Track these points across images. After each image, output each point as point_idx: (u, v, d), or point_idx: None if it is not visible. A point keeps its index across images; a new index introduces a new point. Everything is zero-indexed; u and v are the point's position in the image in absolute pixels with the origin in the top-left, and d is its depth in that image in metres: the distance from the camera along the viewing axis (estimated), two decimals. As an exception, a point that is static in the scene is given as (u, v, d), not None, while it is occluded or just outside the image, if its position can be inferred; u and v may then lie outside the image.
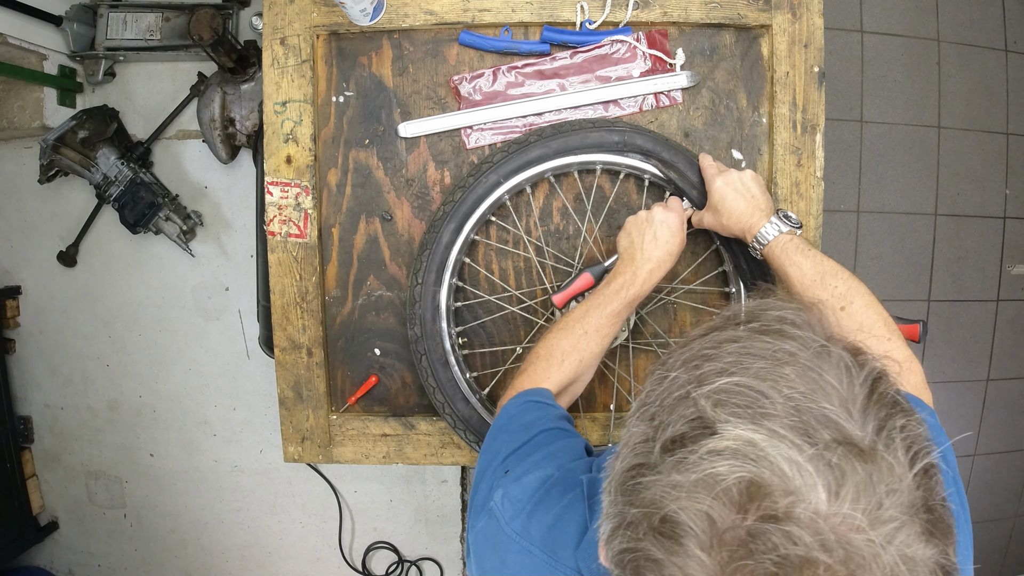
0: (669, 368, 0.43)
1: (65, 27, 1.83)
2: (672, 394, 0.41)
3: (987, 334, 2.25)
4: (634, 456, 0.40)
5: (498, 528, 0.62)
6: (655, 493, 0.36)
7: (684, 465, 0.36)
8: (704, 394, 0.38)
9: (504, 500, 0.63)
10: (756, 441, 0.34)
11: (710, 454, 0.35)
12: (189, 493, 2.15)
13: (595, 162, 1.01)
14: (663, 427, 0.39)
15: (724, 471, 0.34)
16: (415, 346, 1.04)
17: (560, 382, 0.86)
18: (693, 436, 0.37)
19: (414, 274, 1.03)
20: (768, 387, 0.37)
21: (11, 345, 2.07)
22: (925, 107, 2.17)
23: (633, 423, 0.43)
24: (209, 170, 1.98)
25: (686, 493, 0.35)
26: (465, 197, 1.00)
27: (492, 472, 0.69)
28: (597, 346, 0.90)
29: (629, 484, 0.39)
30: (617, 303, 0.90)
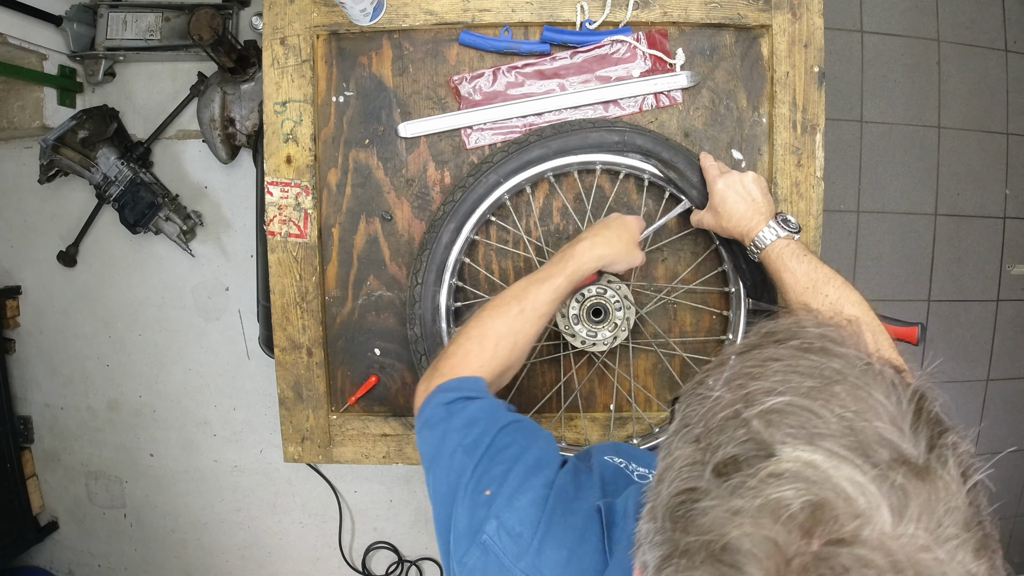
0: (710, 388, 0.41)
1: (65, 27, 1.83)
2: (718, 415, 0.39)
3: (987, 334, 2.25)
4: (682, 480, 0.38)
5: (500, 567, 0.56)
6: (714, 519, 0.35)
7: (744, 490, 0.34)
8: (756, 414, 0.37)
9: (500, 533, 0.58)
10: (817, 463, 0.33)
11: (771, 477, 0.34)
12: (189, 493, 2.15)
13: (595, 162, 1.01)
14: (713, 449, 0.37)
15: (789, 495, 0.33)
16: (415, 346, 1.03)
17: (493, 370, 0.79)
18: (749, 459, 0.35)
19: (414, 274, 1.02)
20: (820, 406, 0.36)
21: (11, 345, 2.07)
22: (925, 107, 2.17)
23: (676, 445, 0.41)
24: (209, 170, 1.98)
25: (750, 519, 0.33)
26: (465, 197, 1.00)
27: (466, 492, 0.62)
28: (533, 328, 0.82)
29: (680, 511, 0.37)
30: (558, 277, 0.84)
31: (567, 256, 0.87)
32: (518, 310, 0.81)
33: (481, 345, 0.79)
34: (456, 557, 0.60)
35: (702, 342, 1.10)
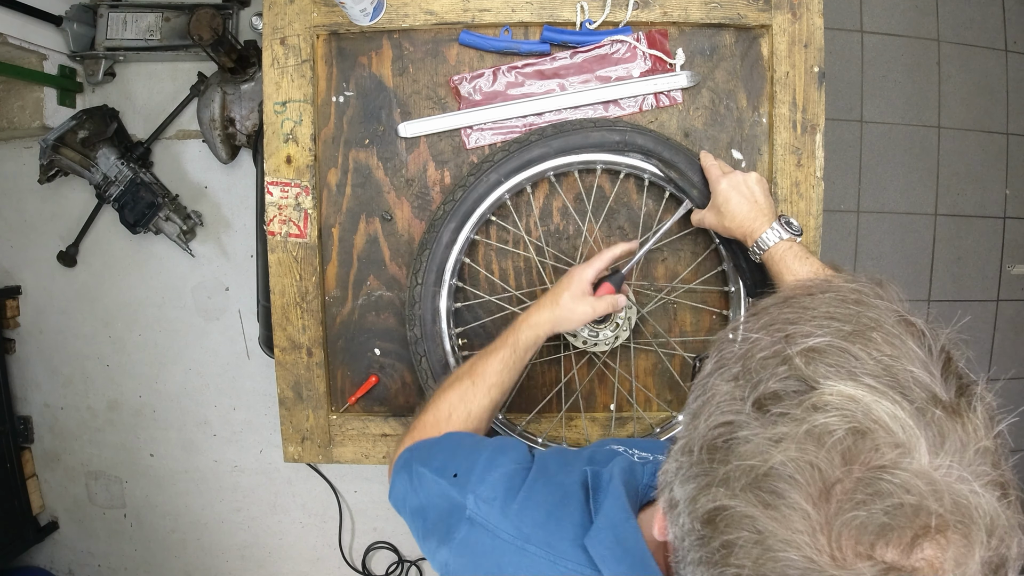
0: (747, 332, 0.42)
1: (65, 27, 1.83)
2: (757, 355, 0.40)
3: (987, 334, 2.25)
4: (721, 414, 0.39)
5: (485, 534, 0.59)
6: (756, 446, 0.36)
7: (787, 419, 0.36)
8: (797, 352, 0.38)
9: (479, 503, 0.61)
10: (858, 397, 0.35)
11: (815, 408, 0.35)
12: (189, 493, 2.15)
13: (595, 161, 1.01)
14: (754, 385, 0.39)
15: (834, 422, 0.34)
16: (415, 347, 1.03)
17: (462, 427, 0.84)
18: (791, 393, 0.37)
19: (414, 274, 1.02)
20: (858, 349, 0.38)
21: (11, 345, 2.07)
22: (925, 107, 2.17)
23: (713, 383, 0.42)
24: (209, 170, 1.98)
25: (795, 445, 0.35)
26: (465, 196, 1.00)
27: (435, 492, 0.66)
28: (486, 398, 0.85)
29: (720, 441, 0.38)
30: (506, 350, 0.88)
31: (511, 327, 0.90)
32: (469, 383, 0.86)
33: (435, 417, 0.84)
34: (445, 543, 0.62)
35: (703, 342, 1.10)
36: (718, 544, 0.37)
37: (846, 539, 0.34)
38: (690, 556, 0.40)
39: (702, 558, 0.39)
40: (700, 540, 0.39)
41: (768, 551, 0.35)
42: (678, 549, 0.42)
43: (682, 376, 1.10)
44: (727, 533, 0.37)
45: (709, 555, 0.38)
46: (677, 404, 1.11)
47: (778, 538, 0.35)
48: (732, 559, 0.36)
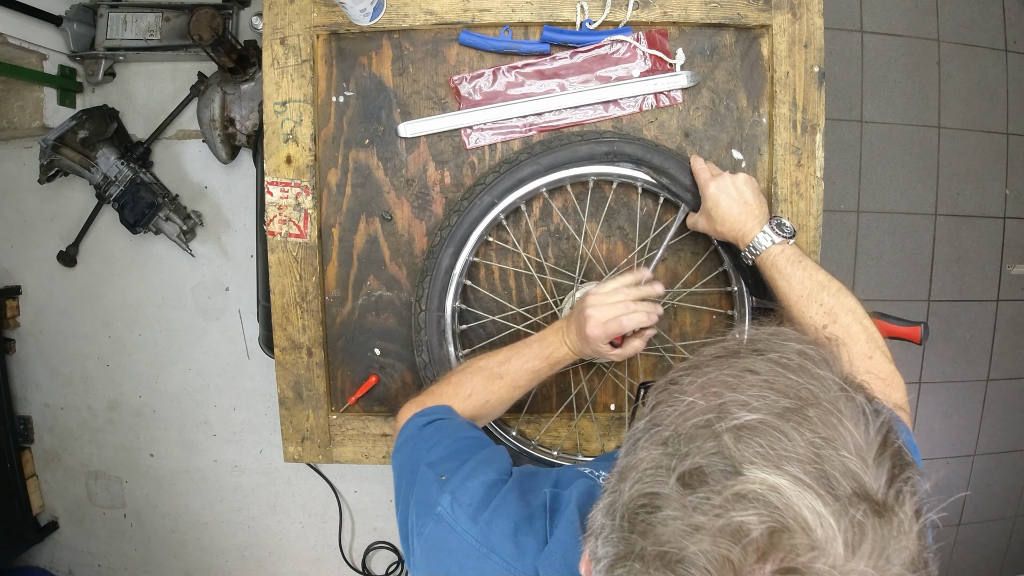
0: (683, 390, 0.41)
1: (65, 27, 1.83)
2: (689, 421, 0.39)
3: (987, 334, 2.24)
4: (645, 484, 0.39)
5: (452, 534, 0.62)
6: (673, 531, 0.35)
7: (707, 507, 0.35)
8: (728, 429, 0.37)
9: (454, 506, 0.63)
10: (781, 488, 0.34)
11: (736, 497, 0.34)
12: (189, 493, 2.15)
13: (587, 175, 1.01)
14: (680, 457, 0.38)
15: (752, 520, 0.34)
16: (424, 373, 1.04)
17: (461, 412, 0.85)
18: (715, 473, 0.36)
19: (416, 301, 1.03)
20: (791, 428, 0.36)
21: (11, 345, 2.07)
22: (925, 107, 2.17)
23: (642, 445, 0.41)
24: (209, 170, 1.98)
25: (709, 537, 0.34)
26: (461, 221, 1.00)
27: (425, 475, 0.68)
28: (507, 394, 0.88)
29: (642, 514, 0.38)
30: (539, 361, 0.89)
31: (550, 339, 0.90)
32: (497, 374, 0.87)
33: (456, 391, 0.86)
34: (415, 532, 0.65)
35: (702, 342, 1.10)
36: None
37: None
38: None
39: None
40: None
41: None
42: None
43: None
44: None
45: None
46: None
47: None
48: None
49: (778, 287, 0.85)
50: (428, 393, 0.88)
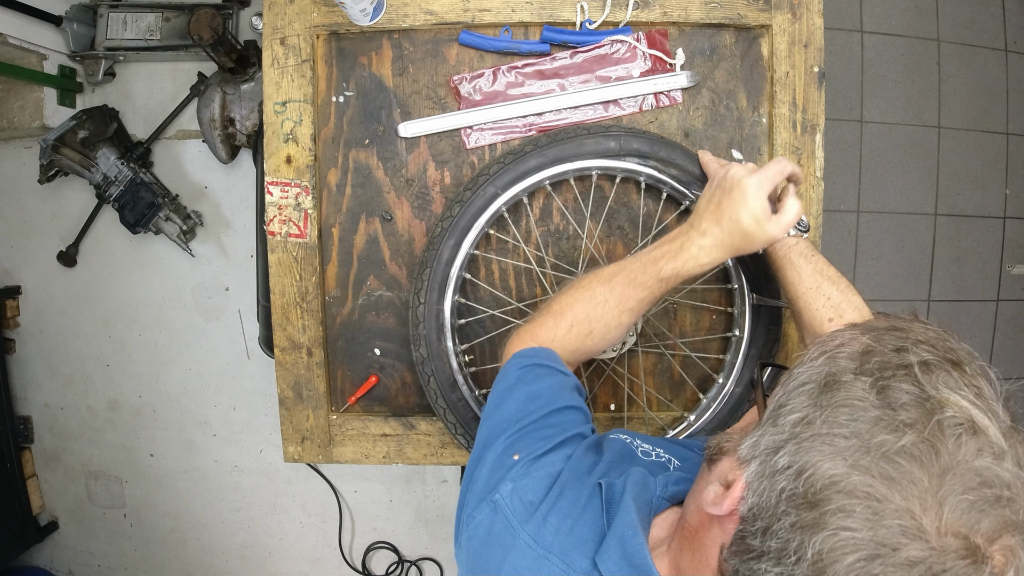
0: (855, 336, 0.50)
1: (65, 27, 1.83)
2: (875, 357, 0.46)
3: (987, 334, 2.25)
4: (848, 398, 0.45)
5: (506, 527, 0.59)
6: (889, 425, 0.42)
7: (914, 408, 0.42)
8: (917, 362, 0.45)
9: (513, 497, 0.61)
10: (966, 407, 0.42)
11: (940, 404, 0.42)
12: (189, 493, 2.15)
13: (591, 168, 1.01)
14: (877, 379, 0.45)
15: (956, 418, 0.42)
16: (421, 368, 1.02)
17: (564, 347, 0.79)
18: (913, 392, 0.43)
19: (415, 294, 1.01)
20: (957, 374, 0.44)
21: (11, 345, 2.07)
22: (925, 107, 2.17)
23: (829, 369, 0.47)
24: (209, 170, 1.98)
25: (927, 430, 0.41)
26: (463, 212, 0.99)
27: (499, 449, 0.65)
28: (615, 320, 0.78)
29: (844, 418, 0.44)
30: (651, 275, 0.77)
31: (669, 253, 0.77)
32: (602, 299, 0.78)
33: (556, 322, 0.79)
34: (467, 511, 0.63)
35: (703, 341, 1.10)
36: (833, 508, 0.41)
37: (952, 516, 0.39)
38: (778, 523, 0.43)
39: (797, 523, 0.42)
40: (805, 505, 0.42)
41: (882, 517, 0.39)
42: (755, 518, 0.46)
43: (690, 379, 1.10)
44: (842, 500, 0.41)
45: (815, 519, 0.41)
46: (680, 403, 1.11)
47: (893, 506, 0.39)
48: (846, 522, 0.40)
49: (787, 278, 0.84)
50: (528, 321, 0.82)
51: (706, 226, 0.77)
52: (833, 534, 0.40)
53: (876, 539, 0.39)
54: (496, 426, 0.68)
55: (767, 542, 0.44)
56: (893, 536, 0.39)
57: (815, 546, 0.41)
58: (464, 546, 0.63)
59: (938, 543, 0.38)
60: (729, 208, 0.76)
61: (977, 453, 0.40)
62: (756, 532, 0.46)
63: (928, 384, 0.43)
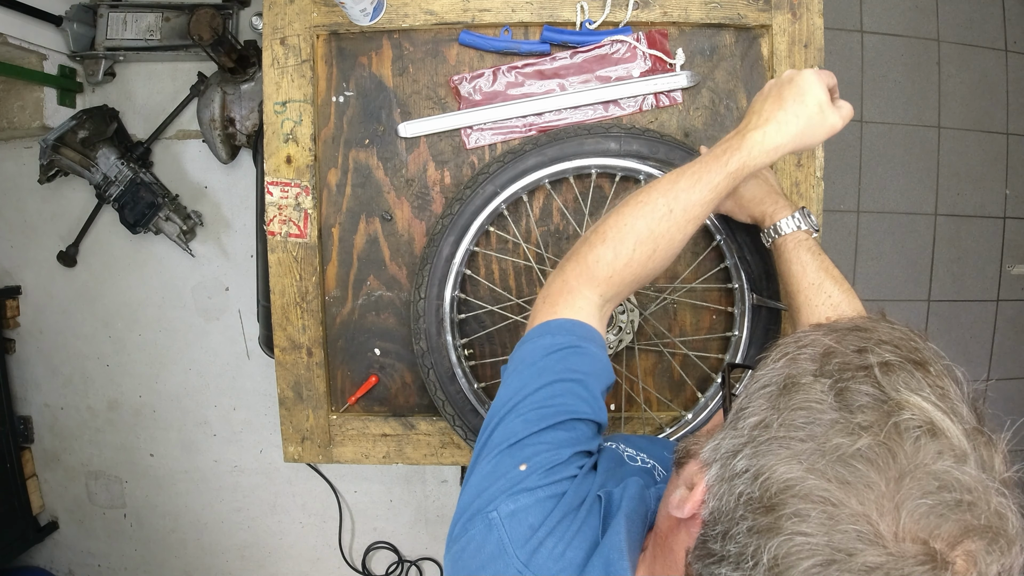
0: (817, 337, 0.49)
1: (65, 27, 1.83)
2: (835, 358, 0.46)
3: (987, 334, 2.25)
4: (806, 399, 0.44)
5: (499, 548, 0.55)
6: (845, 429, 0.42)
7: (871, 411, 0.42)
8: (876, 363, 0.45)
9: (513, 519, 0.56)
10: (927, 409, 0.42)
11: (898, 407, 0.42)
12: (189, 493, 2.15)
13: (590, 166, 1.01)
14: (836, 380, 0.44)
15: (913, 421, 0.41)
16: (421, 361, 1.03)
17: (623, 280, 0.71)
18: (872, 393, 0.43)
19: (416, 289, 1.02)
20: (920, 375, 0.44)
21: (11, 345, 2.07)
22: (925, 107, 2.17)
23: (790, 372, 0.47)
24: (209, 170, 1.98)
25: (882, 433, 0.41)
26: (463, 209, 1.00)
27: (503, 448, 0.60)
28: (680, 233, 0.71)
29: (800, 421, 0.43)
30: (716, 172, 0.71)
31: (732, 147, 0.72)
32: (666, 210, 0.70)
33: (616, 250, 0.70)
34: (462, 520, 0.59)
35: (703, 341, 1.10)
36: (788, 512, 0.40)
37: (909, 521, 0.38)
38: (736, 528, 0.43)
39: (754, 527, 0.42)
40: (761, 509, 0.42)
41: (837, 522, 0.39)
42: (716, 522, 0.45)
43: (690, 378, 1.10)
44: (797, 504, 0.40)
45: (771, 523, 0.41)
46: (679, 403, 1.11)
47: (849, 511, 0.39)
48: (801, 527, 0.40)
49: (791, 271, 0.83)
50: (576, 260, 0.71)
51: (768, 113, 0.73)
52: (788, 539, 0.40)
53: (832, 544, 0.39)
54: (511, 418, 0.62)
55: (726, 546, 0.44)
56: (849, 541, 0.38)
57: (771, 551, 0.40)
58: (451, 557, 0.59)
59: (896, 548, 0.38)
60: (792, 94, 0.73)
61: (937, 456, 0.39)
62: (716, 536, 0.45)
63: (888, 385, 0.42)
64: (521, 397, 0.63)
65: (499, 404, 0.65)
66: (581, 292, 0.70)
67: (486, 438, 0.63)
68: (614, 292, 0.72)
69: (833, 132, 0.75)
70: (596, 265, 0.70)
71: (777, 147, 0.72)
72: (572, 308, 0.70)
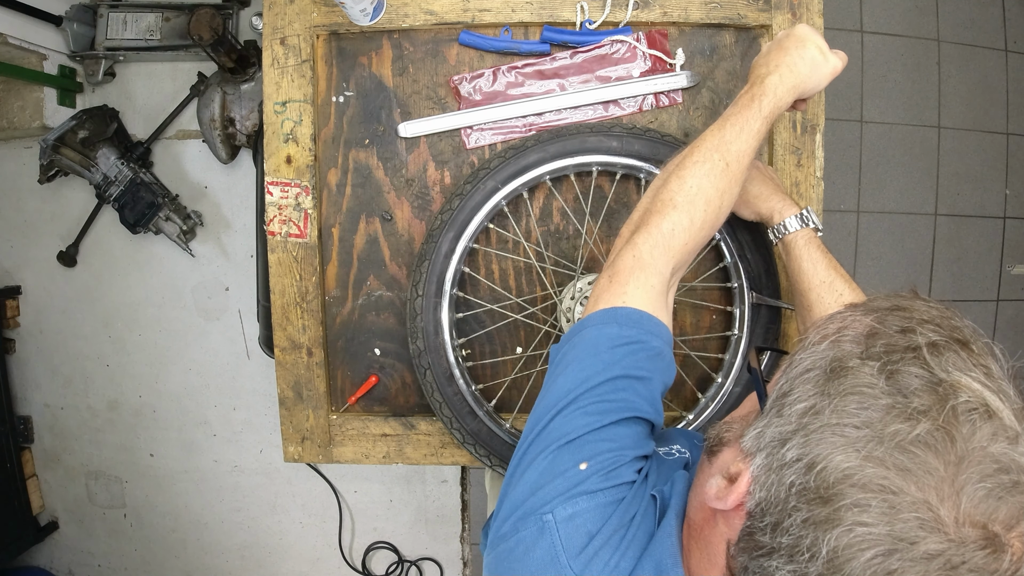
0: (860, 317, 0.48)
1: (65, 27, 1.83)
2: (881, 340, 0.44)
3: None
4: (855, 385, 0.43)
5: (551, 555, 0.52)
6: (902, 414, 0.41)
7: (927, 394, 0.41)
8: (925, 344, 0.44)
9: (570, 524, 0.53)
10: (978, 390, 0.41)
11: (952, 389, 0.41)
12: (189, 493, 2.15)
13: (591, 163, 1.01)
14: (885, 363, 0.43)
15: (970, 403, 0.40)
16: (418, 360, 1.02)
17: (694, 249, 0.70)
18: (924, 376, 0.42)
19: (414, 286, 1.02)
20: (965, 354, 0.43)
21: (11, 345, 2.07)
22: (925, 107, 2.17)
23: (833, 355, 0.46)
24: (209, 170, 1.98)
25: (942, 417, 0.40)
26: (463, 205, 0.99)
27: (561, 446, 0.56)
28: (737, 186, 0.71)
29: (853, 407, 0.42)
30: (754, 118, 0.72)
31: (758, 95, 0.73)
32: (723, 165, 0.70)
33: (691, 216, 0.68)
34: (509, 521, 0.55)
35: (703, 340, 1.10)
36: (848, 503, 0.39)
37: (969, 505, 0.38)
38: (789, 519, 0.42)
39: (810, 519, 0.41)
40: (818, 500, 0.41)
41: (898, 511, 0.38)
42: (764, 513, 0.44)
43: (690, 378, 1.10)
44: (856, 494, 0.39)
45: (829, 514, 0.40)
46: (679, 403, 1.11)
47: (910, 499, 0.38)
48: (861, 517, 0.39)
49: (802, 268, 0.83)
50: (650, 231, 0.67)
51: (776, 60, 0.75)
52: (848, 530, 0.39)
53: (893, 533, 0.38)
54: (570, 408, 0.58)
55: (777, 538, 0.43)
56: (911, 530, 0.38)
57: (829, 543, 0.39)
58: (494, 556, 0.56)
59: (956, 534, 0.37)
60: (793, 43, 0.76)
61: (992, 437, 0.39)
62: (765, 528, 0.44)
63: (938, 367, 0.41)
64: (584, 389, 0.59)
65: (558, 394, 0.60)
66: (655, 266, 0.67)
67: (541, 428, 0.58)
68: (684, 261, 0.70)
69: (836, 73, 0.77)
70: (672, 234, 0.68)
71: (795, 86, 0.74)
72: (644, 287, 0.65)
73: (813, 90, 0.77)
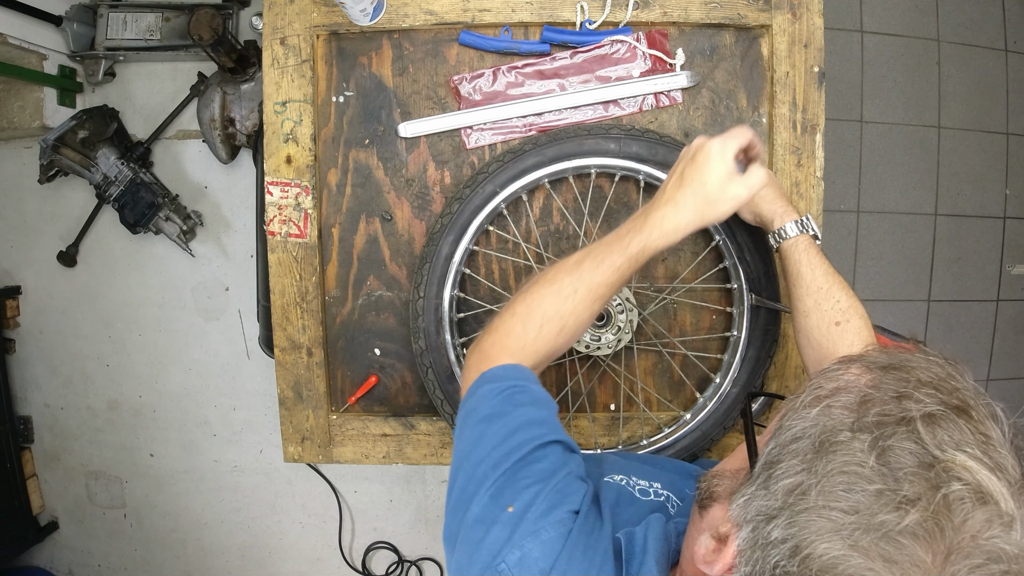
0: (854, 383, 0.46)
1: (65, 27, 1.83)
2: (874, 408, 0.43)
3: (987, 334, 2.25)
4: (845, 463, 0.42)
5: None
6: (890, 502, 0.39)
7: (918, 481, 0.39)
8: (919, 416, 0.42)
9: (522, 567, 0.54)
10: (973, 468, 0.39)
11: (945, 473, 0.39)
12: (189, 493, 2.15)
13: (590, 166, 1.01)
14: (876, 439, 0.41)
15: (962, 491, 0.39)
16: (420, 359, 1.03)
17: (536, 352, 0.72)
18: (916, 455, 0.40)
19: (415, 288, 1.03)
20: (963, 423, 0.41)
21: (11, 345, 2.07)
22: (925, 107, 2.17)
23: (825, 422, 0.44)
24: (209, 170, 1.98)
25: (931, 507, 0.38)
26: (462, 208, 1.00)
27: (485, 499, 0.58)
28: (587, 312, 0.73)
29: (840, 491, 0.40)
30: (618, 254, 0.72)
31: (635, 228, 0.73)
32: (571, 290, 0.72)
33: (525, 325, 0.72)
34: (464, 571, 0.57)
35: (702, 341, 1.10)
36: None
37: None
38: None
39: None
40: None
41: None
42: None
43: (689, 378, 1.10)
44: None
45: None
46: (679, 403, 1.11)
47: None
48: None
49: (801, 274, 0.83)
50: (490, 332, 0.74)
51: (670, 193, 0.74)
52: None
53: None
54: (477, 470, 0.61)
55: None
56: None
57: None
58: None
59: None
60: (692, 172, 0.73)
61: (985, 525, 0.37)
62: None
63: (932, 443, 0.40)
64: (486, 442, 0.62)
65: (464, 454, 0.63)
66: (499, 360, 0.71)
67: (462, 494, 0.61)
68: (530, 362, 0.73)
69: (739, 203, 0.73)
70: (507, 337, 0.72)
71: (676, 228, 0.73)
72: (495, 364, 0.71)
73: (711, 223, 0.74)
